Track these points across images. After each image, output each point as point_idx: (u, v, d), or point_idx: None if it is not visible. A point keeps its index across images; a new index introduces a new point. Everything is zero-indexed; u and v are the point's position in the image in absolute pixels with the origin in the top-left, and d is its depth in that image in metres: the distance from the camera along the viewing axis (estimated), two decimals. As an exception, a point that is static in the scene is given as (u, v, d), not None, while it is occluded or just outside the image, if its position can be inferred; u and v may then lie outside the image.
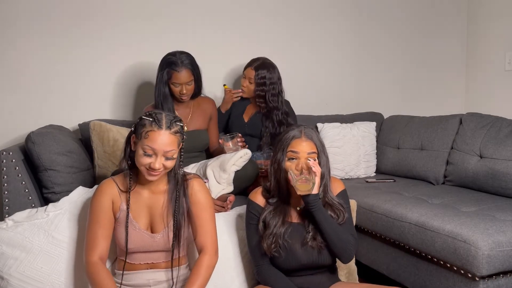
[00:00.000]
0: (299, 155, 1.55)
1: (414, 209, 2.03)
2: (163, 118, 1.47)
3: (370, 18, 3.31)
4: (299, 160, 1.55)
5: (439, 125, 2.65)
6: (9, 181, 1.96)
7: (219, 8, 2.90)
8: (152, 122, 1.45)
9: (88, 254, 1.51)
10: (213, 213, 1.63)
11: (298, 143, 1.56)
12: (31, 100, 2.56)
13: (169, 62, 2.21)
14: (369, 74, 3.34)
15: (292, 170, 1.54)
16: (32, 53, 2.55)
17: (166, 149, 1.45)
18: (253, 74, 2.49)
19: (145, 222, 1.56)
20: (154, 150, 1.45)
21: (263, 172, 2.29)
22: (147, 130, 1.45)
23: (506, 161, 2.19)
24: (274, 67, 2.54)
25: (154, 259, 1.57)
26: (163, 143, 1.45)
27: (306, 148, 1.55)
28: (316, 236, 1.57)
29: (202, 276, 1.53)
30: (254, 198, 1.66)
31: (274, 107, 2.51)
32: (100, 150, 2.32)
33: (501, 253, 1.68)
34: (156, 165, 1.45)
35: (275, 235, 1.56)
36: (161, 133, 1.44)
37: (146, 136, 1.45)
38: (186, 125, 2.34)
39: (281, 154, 1.57)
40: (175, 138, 1.48)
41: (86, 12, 2.63)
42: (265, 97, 2.50)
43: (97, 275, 1.48)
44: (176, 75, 2.20)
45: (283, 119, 2.52)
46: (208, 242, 1.58)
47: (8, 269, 1.60)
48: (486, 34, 3.41)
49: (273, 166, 1.61)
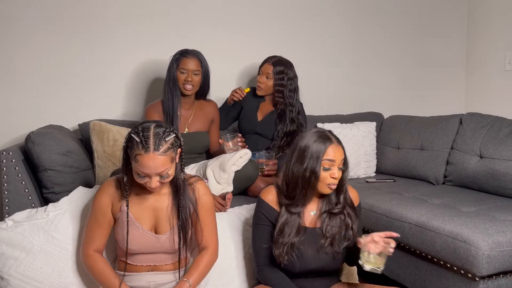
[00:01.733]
0: (335, 164, 1.50)
1: (414, 209, 2.03)
2: (150, 138, 1.40)
3: (370, 18, 3.31)
4: (335, 169, 1.51)
5: (439, 125, 2.65)
6: (9, 181, 1.96)
7: (224, 9, 2.90)
8: (139, 144, 1.40)
9: (85, 248, 1.56)
10: (214, 214, 1.66)
11: (333, 150, 1.50)
12: (31, 100, 2.56)
13: (181, 51, 2.32)
14: (369, 74, 3.34)
15: (363, 252, 1.44)
16: (32, 53, 2.54)
17: (158, 171, 1.42)
18: (271, 69, 2.49)
19: (150, 223, 1.56)
20: (147, 174, 1.43)
21: (263, 172, 2.29)
22: (136, 153, 1.41)
23: (506, 161, 2.19)
24: (291, 64, 2.56)
25: (157, 261, 1.57)
26: (154, 167, 1.41)
27: (340, 155, 1.51)
28: (334, 241, 1.54)
29: (201, 270, 1.57)
30: (266, 198, 1.61)
31: (289, 103, 2.51)
32: (100, 150, 2.32)
33: (501, 253, 1.68)
34: (152, 185, 1.45)
35: (288, 245, 1.52)
36: (150, 157, 1.40)
37: (136, 160, 1.41)
38: (187, 127, 2.36)
39: (314, 161, 1.49)
40: (166, 158, 1.43)
41: (87, 13, 2.62)
42: (284, 92, 2.49)
43: (96, 264, 1.53)
44: (185, 60, 2.27)
45: (295, 118, 2.51)
46: (210, 242, 1.62)
47: (8, 269, 1.60)
48: (486, 34, 3.41)
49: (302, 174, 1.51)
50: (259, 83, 2.53)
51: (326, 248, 1.53)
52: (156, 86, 2.76)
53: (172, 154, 1.45)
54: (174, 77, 2.28)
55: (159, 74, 2.74)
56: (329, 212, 1.58)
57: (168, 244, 1.55)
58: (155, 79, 2.78)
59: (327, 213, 1.58)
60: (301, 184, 1.53)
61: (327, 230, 1.55)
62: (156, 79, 2.77)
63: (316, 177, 1.50)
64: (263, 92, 2.54)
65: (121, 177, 1.57)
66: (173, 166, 1.47)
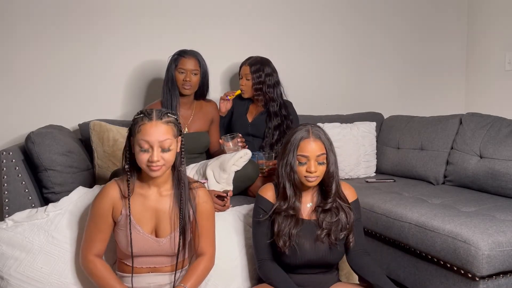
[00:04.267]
0: (309, 158, 1.54)
1: (414, 209, 2.03)
2: (153, 112, 1.48)
3: (370, 18, 3.31)
4: (310, 163, 1.54)
5: (439, 125, 2.65)
6: (9, 181, 1.96)
7: (225, 9, 2.90)
8: (143, 116, 1.47)
9: (85, 252, 1.55)
10: (214, 221, 1.66)
11: (307, 144, 1.54)
12: (31, 100, 2.56)
13: (179, 52, 2.33)
14: (369, 74, 3.34)
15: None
16: (32, 53, 2.54)
17: (160, 139, 1.44)
18: (248, 70, 2.53)
19: (150, 226, 1.55)
20: (149, 142, 1.44)
21: (264, 173, 2.29)
22: (139, 124, 1.46)
23: (506, 161, 2.19)
24: (268, 60, 2.58)
25: (158, 263, 1.57)
26: (156, 133, 1.44)
27: (316, 150, 1.54)
28: (331, 232, 1.57)
29: (198, 275, 1.57)
30: (264, 194, 1.65)
31: (270, 98, 2.53)
32: (100, 150, 2.32)
33: (501, 253, 1.68)
34: (154, 157, 1.44)
35: (288, 235, 1.56)
36: (152, 124, 1.45)
37: (139, 130, 1.45)
38: (187, 127, 2.36)
39: (292, 156, 1.56)
40: (168, 128, 1.47)
41: (86, 13, 2.62)
42: (262, 89, 2.52)
43: (96, 270, 1.53)
44: (183, 60, 2.29)
45: (278, 112, 2.53)
46: (207, 249, 1.62)
47: (8, 269, 1.59)
48: (486, 34, 3.41)
49: (284, 169, 1.58)
50: (242, 87, 2.56)
51: (323, 238, 1.57)
52: (155, 86, 2.76)
53: (174, 128, 1.49)
54: (173, 77, 2.29)
55: (159, 74, 2.74)
56: (321, 207, 1.61)
57: (168, 247, 1.55)
58: (154, 79, 2.78)
59: (321, 208, 1.61)
60: (287, 179, 1.58)
61: (323, 223, 1.59)
62: (156, 79, 2.77)
63: (293, 171, 1.56)
64: (248, 94, 2.57)
65: (121, 180, 1.56)
66: (174, 142, 1.49)
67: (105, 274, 1.52)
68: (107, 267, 1.55)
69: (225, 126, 2.66)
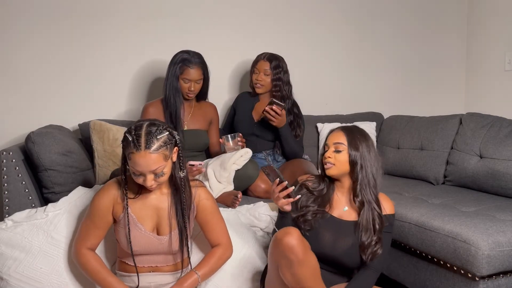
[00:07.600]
0: (329, 146, 1.65)
1: (414, 209, 2.03)
2: (141, 136, 1.41)
3: (370, 18, 3.30)
4: (329, 150, 1.64)
5: (439, 125, 2.65)
6: (9, 181, 1.96)
7: (226, 9, 2.90)
8: (131, 142, 1.42)
9: (78, 245, 1.55)
10: (220, 213, 1.67)
11: (331, 133, 1.67)
12: (31, 100, 2.56)
13: (183, 59, 2.28)
14: (369, 74, 3.34)
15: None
16: (33, 53, 2.54)
17: (150, 169, 1.43)
18: (268, 65, 2.49)
19: (151, 224, 1.56)
20: (140, 172, 1.44)
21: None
22: (129, 152, 1.43)
23: (506, 161, 2.19)
24: (283, 57, 2.58)
25: (158, 262, 1.57)
26: (146, 164, 1.42)
27: (335, 138, 1.64)
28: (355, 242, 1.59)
29: (212, 264, 1.60)
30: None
31: (286, 95, 2.52)
32: (100, 149, 2.32)
33: (501, 253, 1.68)
34: (147, 183, 1.45)
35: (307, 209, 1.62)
36: (141, 155, 1.41)
37: (130, 158, 1.43)
38: (186, 124, 2.36)
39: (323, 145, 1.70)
40: (159, 156, 1.43)
41: (87, 13, 2.62)
42: (281, 86, 2.50)
43: (89, 263, 1.54)
44: (189, 71, 2.26)
45: (291, 109, 2.53)
46: (222, 238, 1.65)
47: (7, 270, 1.60)
48: (486, 34, 3.41)
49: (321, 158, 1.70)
50: (259, 81, 2.50)
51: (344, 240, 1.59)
52: (156, 86, 2.76)
53: (165, 152, 1.45)
54: (176, 86, 2.28)
55: (159, 73, 2.74)
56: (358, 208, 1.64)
57: (169, 245, 1.55)
58: (154, 78, 2.78)
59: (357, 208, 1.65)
60: (321, 167, 1.70)
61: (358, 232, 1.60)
62: (156, 79, 2.77)
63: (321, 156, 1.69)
64: (263, 89, 2.52)
65: (121, 178, 1.57)
66: (168, 164, 1.47)
67: (97, 266, 1.54)
68: (98, 259, 1.56)
69: (228, 125, 2.65)
